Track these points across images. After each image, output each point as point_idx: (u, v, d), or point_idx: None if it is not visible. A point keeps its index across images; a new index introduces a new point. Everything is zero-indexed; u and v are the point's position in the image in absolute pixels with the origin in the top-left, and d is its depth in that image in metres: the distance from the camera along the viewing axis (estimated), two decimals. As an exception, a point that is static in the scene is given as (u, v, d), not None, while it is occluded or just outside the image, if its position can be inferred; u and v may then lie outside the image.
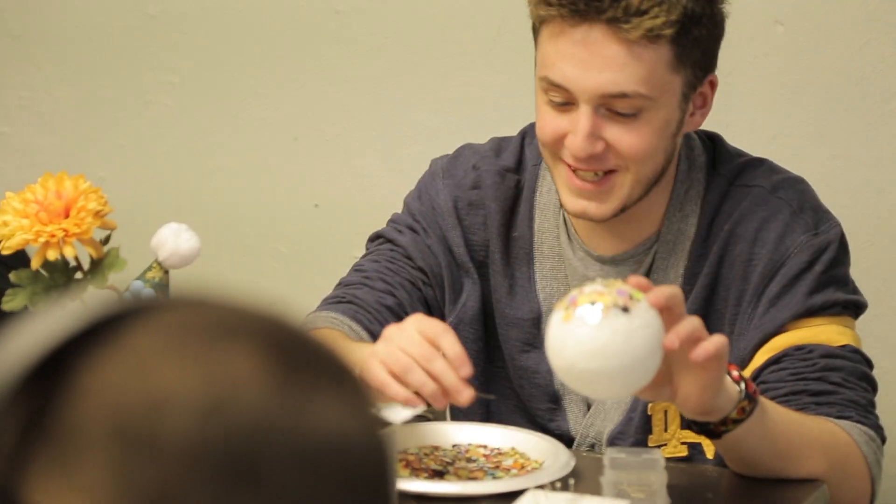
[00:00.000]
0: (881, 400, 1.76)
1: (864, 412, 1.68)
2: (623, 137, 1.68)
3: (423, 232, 1.86)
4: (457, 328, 1.74)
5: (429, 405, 1.75)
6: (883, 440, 1.71)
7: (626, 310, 1.45)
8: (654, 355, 1.48)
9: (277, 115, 2.74)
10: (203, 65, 2.77)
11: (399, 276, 1.84)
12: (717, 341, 1.45)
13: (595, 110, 1.66)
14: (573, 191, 1.71)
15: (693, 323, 1.47)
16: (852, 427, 1.65)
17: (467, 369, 1.55)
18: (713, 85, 1.74)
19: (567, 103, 1.67)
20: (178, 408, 0.67)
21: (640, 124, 1.68)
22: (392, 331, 1.59)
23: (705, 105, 1.74)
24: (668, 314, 1.47)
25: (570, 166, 1.70)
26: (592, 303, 1.45)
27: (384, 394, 1.54)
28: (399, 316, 1.80)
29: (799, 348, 1.70)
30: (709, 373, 1.48)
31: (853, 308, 1.76)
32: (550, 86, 1.67)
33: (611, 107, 1.66)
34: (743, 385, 1.53)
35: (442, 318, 1.83)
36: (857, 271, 1.83)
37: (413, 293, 1.83)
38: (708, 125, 1.87)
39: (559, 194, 1.75)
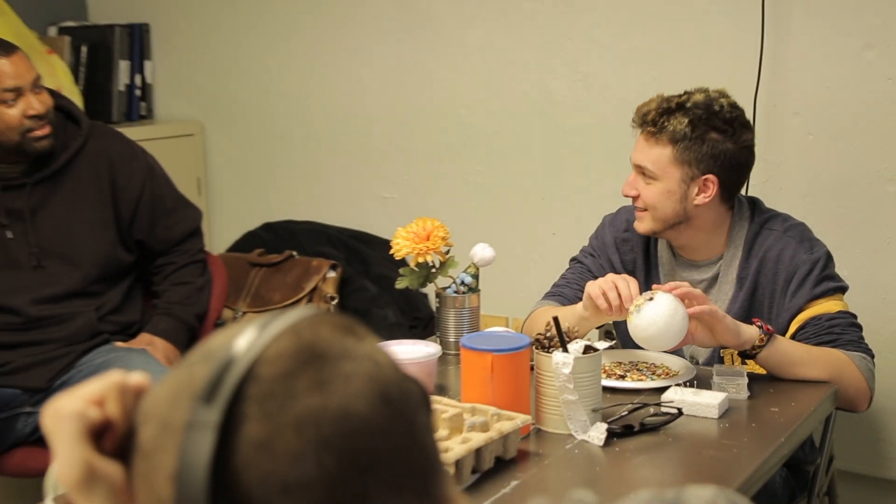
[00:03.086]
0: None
1: (857, 344, 2.05)
2: (643, 190, 2.08)
3: (598, 256, 2.24)
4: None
5: (614, 340, 2.19)
6: (872, 357, 2.05)
7: (651, 299, 1.87)
8: (674, 319, 1.83)
9: (532, 181, 3.06)
10: (494, 156, 3.12)
11: (585, 282, 2.12)
12: (707, 306, 1.85)
13: (637, 173, 2.08)
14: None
15: (698, 298, 1.85)
16: (849, 352, 2.01)
17: (635, 295, 1.93)
18: (713, 184, 2.06)
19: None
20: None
21: (652, 186, 2.07)
22: (601, 277, 1.97)
23: (708, 193, 2.07)
24: (686, 300, 1.87)
25: None
26: (636, 306, 1.88)
27: (597, 301, 1.89)
28: None
29: (814, 317, 2.04)
30: (705, 322, 1.86)
31: (840, 290, 2.11)
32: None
33: (641, 172, 2.07)
34: (760, 326, 1.92)
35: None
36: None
37: None
38: (763, 191, 2.26)
39: None
